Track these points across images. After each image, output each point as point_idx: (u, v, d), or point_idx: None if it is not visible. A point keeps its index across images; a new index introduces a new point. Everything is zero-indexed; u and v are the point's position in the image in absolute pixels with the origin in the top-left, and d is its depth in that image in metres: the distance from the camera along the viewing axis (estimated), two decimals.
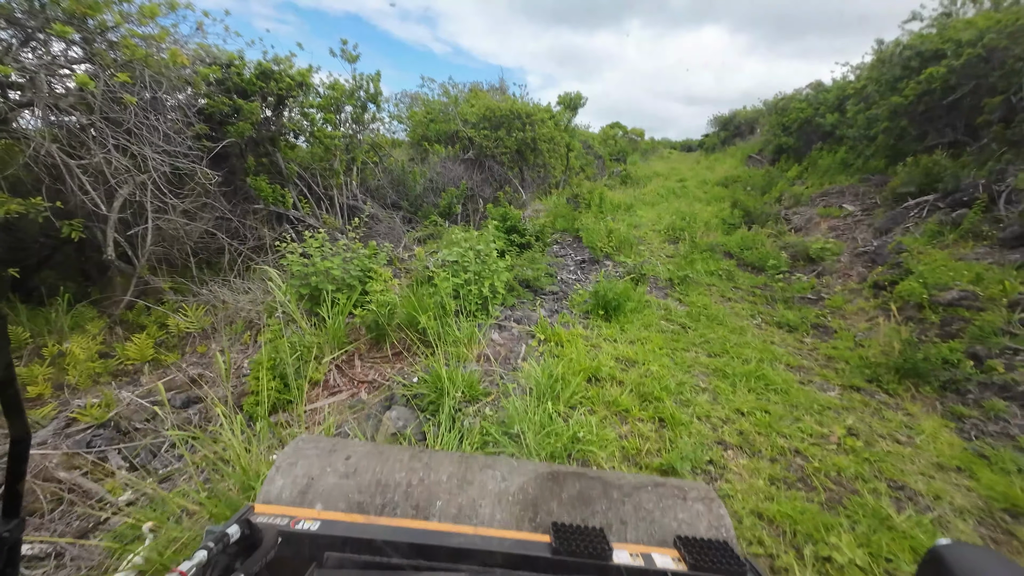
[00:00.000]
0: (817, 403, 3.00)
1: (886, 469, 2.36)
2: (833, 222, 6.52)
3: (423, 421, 2.45)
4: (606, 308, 4.16)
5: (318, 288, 3.73)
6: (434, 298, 3.48)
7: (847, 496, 2.14)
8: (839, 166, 8.12)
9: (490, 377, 2.94)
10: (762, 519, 1.97)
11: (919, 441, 2.65)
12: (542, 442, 2.25)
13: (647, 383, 2.95)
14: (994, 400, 2.94)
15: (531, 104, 10.65)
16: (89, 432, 2.67)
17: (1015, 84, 5.71)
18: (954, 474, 2.37)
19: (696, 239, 6.68)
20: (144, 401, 2.93)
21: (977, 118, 6.14)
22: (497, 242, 4.41)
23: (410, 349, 3.41)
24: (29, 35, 3.00)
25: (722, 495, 2.09)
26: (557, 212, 7.59)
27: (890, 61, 7.14)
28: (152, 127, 3.71)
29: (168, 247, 5.17)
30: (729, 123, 18.54)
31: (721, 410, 2.81)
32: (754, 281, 5.50)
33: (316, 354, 3.15)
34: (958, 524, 2.01)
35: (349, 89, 7.11)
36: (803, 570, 1.72)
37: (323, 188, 7.14)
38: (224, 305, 4.49)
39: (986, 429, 2.78)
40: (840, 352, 3.77)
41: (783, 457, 2.41)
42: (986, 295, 3.84)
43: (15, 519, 0.56)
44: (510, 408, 2.45)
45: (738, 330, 4.15)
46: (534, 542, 0.82)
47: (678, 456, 2.26)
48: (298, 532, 0.79)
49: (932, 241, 4.98)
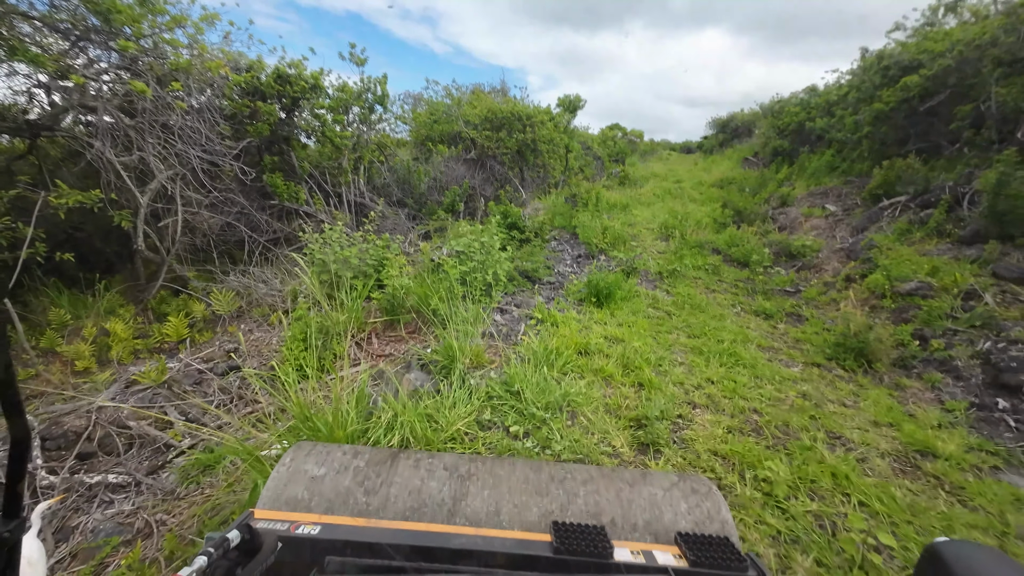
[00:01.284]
0: (780, 375, 3.49)
1: (828, 424, 2.86)
2: (815, 221, 7.04)
3: (437, 381, 2.94)
4: (598, 296, 4.66)
5: (338, 275, 4.22)
6: (443, 283, 3.97)
7: (790, 441, 2.63)
8: (825, 169, 8.65)
9: (493, 349, 3.43)
10: (717, 455, 2.46)
11: (862, 405, 3.15)
12: (538, 397, 2.75)
13: (630, 356, 3.44)
14: (933, 373, 3.45)
15: (531, 106, 11.15)
16: (149, 391, 3.15)
17: (984, 93, 6.24)
18: (885, 428, 2.87)
19: (686, 236, 7.19)
20: (196, 364, 3.42)
21: (951, 124, 6.66)
22: (499, 235, 4.89)
23: (421, 330, 3.91)
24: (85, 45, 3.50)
25: (686, 439, 2.59)
26: (555, 210, 8.10)
27: (871, 70, 7.67)
28: (193, 128, 4.20)
29: (192, 238, 5.66)
30: (727, 125, 19.14)
31: (694, 379, 3.31)
32: (738, 275, 6.00)
33: (338, 331, 3.63)
34: (877, 460, 2.50)
35: (357, 91, 7.62)
36: (743, 487, 2.21)
37: (332, 186, 7.62)
38: (248, 291, 4.97)
39: (922, 396, 3.28)
40: (807, 336, 4.27)
41: (742, 414, 2.91)
42: (940, 285, 4.35)
43: (15, 519, 0.56)
44: (511, 371, 2.94)
45: (718, 317, 4.65)
46: (535, 541, 0.84)
47: (652, 409, 2.75)
48: (298, 537, 0.81)
49: (901, 238, 5.49)
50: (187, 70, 3.93)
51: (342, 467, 1.05)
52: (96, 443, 2.69)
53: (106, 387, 3.29)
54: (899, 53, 7.24)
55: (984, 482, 2.35)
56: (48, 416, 2.80)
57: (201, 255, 5.93)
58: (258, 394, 3.21)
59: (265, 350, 3.95)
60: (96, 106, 3.57)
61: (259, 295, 4.93)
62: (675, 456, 2.41)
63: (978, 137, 6.28)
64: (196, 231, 5.68)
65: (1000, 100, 5.87)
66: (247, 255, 5.94)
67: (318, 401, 2.52)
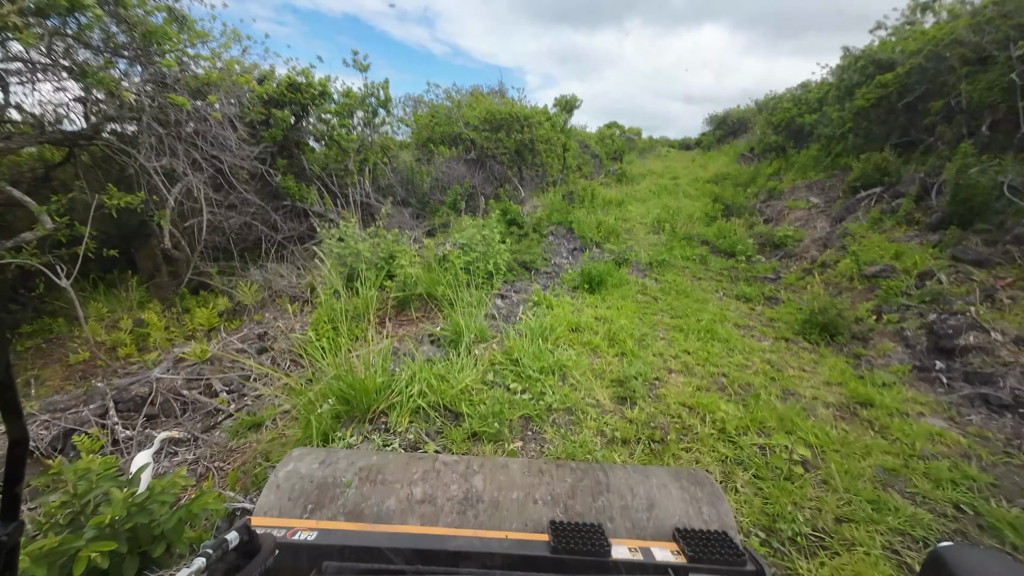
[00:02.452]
0: (750, 348, 4.00)
1: (785, 383, 3.36)
2: (799, 213, 7.54)
3: (447, 352, 3.46)
4: (590, 283, 5.17)
5: (353, 266, 4.74)
6: (449, 272, 4.49)
7: (749, 396, 3.14)
8: (811, 163, 9.16)
9: (495, 327, 3.95)
10: (684, 406, 2.97)
11: (819, 370, 3.65)
12: (534, 363, 3.26)
13: (616, 333, 3.96)
14: (886, 343, 3.95)
15: (529, 107, 11.68)
16: (196, 367, 3.68)
17: (954, 90, 6.74)
18: (834, 387, 3.37)
19: (676, 230, 7.70)
20: (236, 341, 3.94)
21: (925, 119, 7.16)
22: (499, 228, 5.41)
23: (429, 315, 4.43)
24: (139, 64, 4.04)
25: (659, 395, 3.10)
26: (553, 207, 8.61)
27: (850, 68, 8.18)
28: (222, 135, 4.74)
29: (214, 237, 6.20)
30: (723, 122, 19.66)
31: (672, 350, 3.82)
32: (724, 264, 6.51)
33: (358, 313, 4.15)
34: (821, 410, 3.01)
35: (361, 96, 8.16)
36: (702, 427, 2.72)
37: (339, 187, 8.15)
38: (268, 284, 5.51)
39: (874, 363, 3.78)
40: (781, 316, 4.78)
41: (711, 377, 3.42)
42: (902, 268, 4.85)
43: (14, 522, 0.56)
44: (510, 344, 3.46)
45: (701, 301, 5.15)
46: (533, 541, 0.86)
47: (632, 372, 3.26)
48: (295, 543, 0.82)
49: (874, 227, 5.99)
50: (216, 83, 4.47)
51: (339, 472, 1.07)
52: (158, 407, 3.22)
53: (155, 365, 3.82)
54: (875, 52, 7.74)
55: (907, 423, 2.86)
56: (116, 387, 3.32)
57: (221, 253, 6.48)
58: (289, 369, 3.74)
59: (290, 334, 4.47)
60: (139, 117, 4.10)
61: (279, 287, 5.46)
62: (648, 406, 2.92)
63: (949, 131, 6.78)
64: (217, 230, 6.23)
65: (967, 96, 6.37)
66: (264, 252, 6.48)
67: (350, 363, 3.04)
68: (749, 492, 2.21)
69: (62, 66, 4.23)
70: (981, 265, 4.64)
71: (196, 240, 5.66)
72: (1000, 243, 4.83)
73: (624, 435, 2.60)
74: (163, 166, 4.92)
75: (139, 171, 5.11)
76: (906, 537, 1.98)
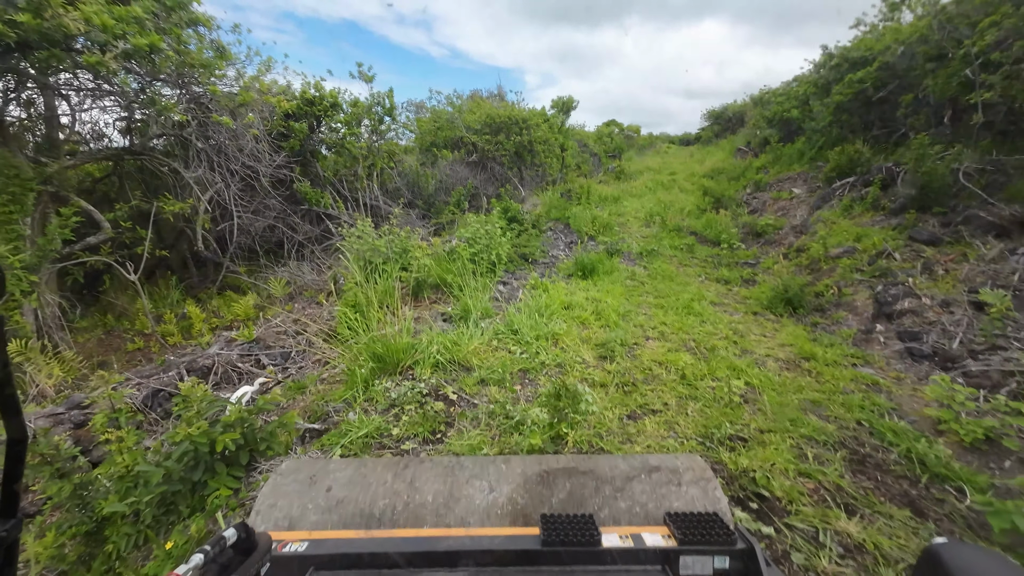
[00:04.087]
0: (721, 320, 4.69)
1: (745, 345, 4.06)
2: (782, 203, 8.22)
3: (457, 326, 4.19)
4: (584, 271, 5.89)
5: (371, 260, 5.49)
6: (457, 263, 5.23)
7: (712, 354, 3.83)
8: (796, 156, 9.83)
9: (498, 307, 4.68)
10: (655, 362, 3.67)
11: (777, 336, 4.34)
12: (531, 332, 3.98)
13: (604, 310, 4.67)
14: (839, 312, 4.63)
15: (527, 110, 12.44)
16: (245, 346, 4.43)
17: (921, 84, 7.40)
18: (787, 347, 4.06)
19: (667, 222, 8.40)
20: (285, 321, 4.71)
21: (897, 112, 7.83)
22: (500, 223, 6.15)
23: (440, 300, 5.16)
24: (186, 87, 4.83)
25: (636, 355, 3.80)
26: (551, 204, 9.34)
27: (826, 65, 8.85)
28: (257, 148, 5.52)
29: (240, 239, 6.98)
30: (720, 117, 20.33)
31: (651, 323, 4.52)
32: (709, 252, 7.20)
33: (379, 299, 4.89)
34: (771, 363, 3.70)
35: (368, 105, 8.94)
36: (667, 375, 3.42)
37: (349, 191, 8.92)
38: (295, 279, 6.27)
39: (828, 328, 4.46)
40: (754, 295, 5.47)
41: (682, 342, 4.12)
42: (862, 248, 5.53)
43: (13, 519, 0.58)
44: (511, 318, 4.18)
45: (683, 284, 5.85)
46: (524, 536, 0.90)
47: (614, 338, 3.97)
48: (286, 555, 0.85)
49: (845, 213, 6.67)
50: (250, 104, 5.24)
51: (331, 481, 1.09)
52: (220, 376, 3.97)
53: (209, 346, 4.57)
54: (850, 51, 8.42)
55: (839, 370, 3.55)
56: (182, 361, 4.08)
57: (247, 254, 7.26)
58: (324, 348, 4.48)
59: (318, 321, 5.22)
60: (181, 134, 4.88)
61: (304, 282, 6.23)
62: (625, 362, 3.63)
63: (917, 123, 7.44)
64: (244, 233, 7.01)
65: (931, 91, 7.03)
66: (286, 253, 7.26)
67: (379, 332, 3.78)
68: (696, 416, 2.92)
69: (114, 92, 5.03)
70: (933, 244, 5.30)
71: (228, 242, 6.44)
72: (952, 224, 5.50)
73: (602, 381, 3.31)
74: (199, 176, 5.71)
75: (175, 181, 5.91)
76: (811, 440, 2.67)
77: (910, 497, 2.25)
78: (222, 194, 6.15)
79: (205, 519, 2.04)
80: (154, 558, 1.93)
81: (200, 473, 2.18)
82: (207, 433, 2.15)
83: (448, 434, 2.65)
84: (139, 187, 6.38)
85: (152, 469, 2.08)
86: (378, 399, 3.00)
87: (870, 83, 8.10)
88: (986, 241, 4.98)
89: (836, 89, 8.16)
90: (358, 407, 2.91)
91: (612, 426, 2.78)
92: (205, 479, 2.20)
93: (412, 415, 2.78)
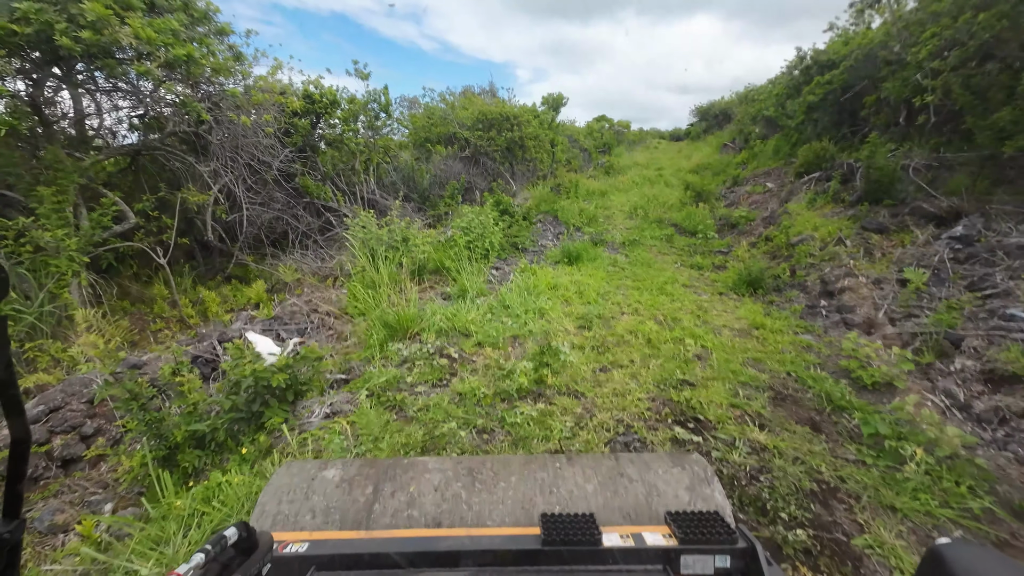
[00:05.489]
0: (690, 299, 5.40)
1: (707, 319, 4.76)
2: (756, 197, 8.97)
3: (456, 302, 4.84)
4: (569, 258, 6.57)
5: (375, 248, 6.12)
6: (453, 250, 5.88)
7: (676, 324, 4.53)
8: (772, 152, 10.60)
9: (491, 288, 5.34)
10: (628, 331, 4.36)
11: (736, 312, 5.06)
12: (521, 307, 4.65)
13: (586, 290, 5.36)
14: (792, 291, 5.37)
15: (518, 106, 13.08)
16: (265, 323, 5.05)
17: (882, 86, 8.18)
18: (743, 320, 4.78)
19: (649, 214, 9.12)
20: (297, 302, 5.33)
21: (862, 112, 8.61)
22: (492, 214, 6.81)
23: (438, 283, 5.81)
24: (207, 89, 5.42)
25: (611, 325, 4.48)
26: (541, 198, 10.01)
27: (797, 67, 9.62)
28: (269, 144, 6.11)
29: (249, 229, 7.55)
30: (707, 113, 21.14)
31: (627, 301, 5.22)
32: (687, 242, 7.93)
33: (384, 281, 5.53)
34: (726, 331, 4.41)
35: (364, 101, 9.52)
36: (636, 341, 4.12)
37: (347, 185, 9.50)
38: (302, 266, 6.88)
39: (781, 305, 5.19)
40: (722, 278, 6.19)
41: (652, 316, 4.81)
42: (819, 237, 6.27)
43: (16, 520, 0.58)
44: (503, 296, 4.85)
45: (660, 269, 6.56)
46: (524, 536, 0.92)
47: (593, 312, 4.65)
48: (287, 556, 0.87)
49: (809, 206, 7.42)
50: (263, 103, 5.83)
51: (331, 482, 1.11)
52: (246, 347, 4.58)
53: (232, 324, 5.18)
54: (819, 54, 9.19)
55: (782, 336, 4.27)
56: (215, 333, 4.69)
57: (253, 243, 7.84)
58: (337, 324, 5.11)
59: (327, 302, 5.85)
60: (203, 130, 5.47)
61: (310, 269, 6.84)
62: (601, 331, 4.32)
63: (879, 122, 8.22)
64: (252, 223, 7.59)
65: (889, 93, 7.80)
66: (291, 243, 7.85)
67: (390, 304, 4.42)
68: (656, 369, 3.61)
69: (131, 92, 5.59)
70: (881, 232, 6.06)
71: (239, 232, 7.02)
72: (900, 215, 6.26)
73: (581, 344, 4.00)
74: (212, 170, 6.28)
75: (187, 174, 6.49)
76: (746, 385, 3.38)
77: (813, 421, 2.96)
78: (233, 187, 6.72)
79: (267, 435, 2.69)
80: (231, 460, 2.57)
81: (258, 405, 2.83)
82: (267, 371, 2.80)
83: (452, 381, 3.31)
84: (153, 180, 6.91)
85: (224, 400, 2.72)
86: (392, 357, 3.65)
87: (838, 85, 8.87)
88: (925, 229, 5.75)
89: (806, 90, 8.92)
90: (376, 363, 3.57)
91: (586, 375, 3.46)
92: (262, 410, 2.84)
93: (422, 368, 3.44)
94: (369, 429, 2.67)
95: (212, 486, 2.28)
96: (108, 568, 1.97)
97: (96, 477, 3.34)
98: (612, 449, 2.61)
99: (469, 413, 2.89)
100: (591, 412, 2.97)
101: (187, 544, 1.99)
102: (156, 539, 2.06)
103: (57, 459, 3.29)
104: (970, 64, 6.01)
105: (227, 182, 6.61)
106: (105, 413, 3.68)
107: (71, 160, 4.62)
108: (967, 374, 3.35)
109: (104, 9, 3.53)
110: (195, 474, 2.73)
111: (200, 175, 6.30)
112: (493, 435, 2.72)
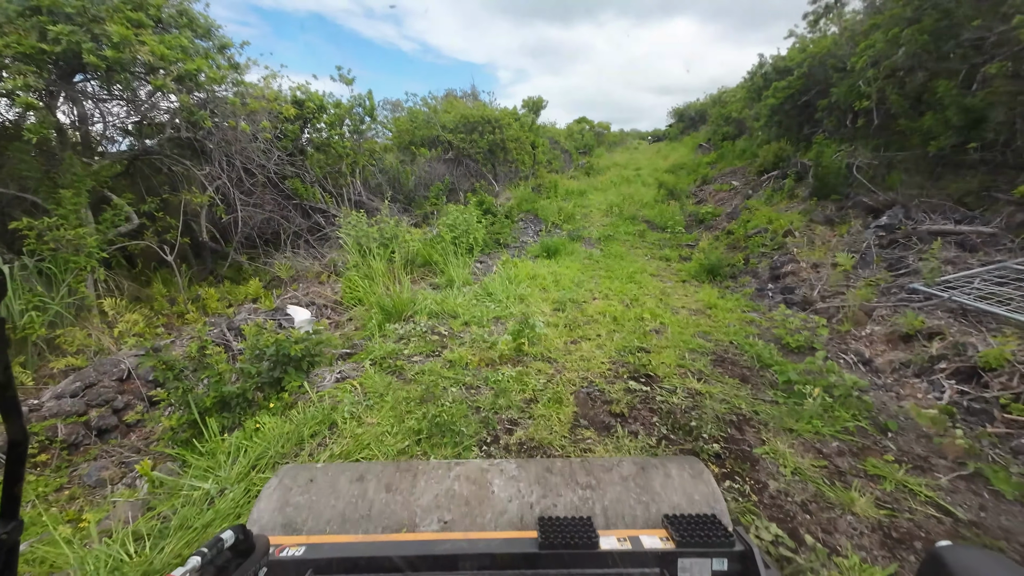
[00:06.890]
0: (655, 286, 6.10)
1: (668, 302, 5.46)
2: (722, 194, 9.78)
3: (443, 290, 5.45)
4: (548, 252, 7.23)
5: (366, 245, 6.69)
6: (440, 245, 6.49)
7: (640, 306, 5.21)
8: (739, 152, 11.47)
9: (476, 278, 5.96)
10: (598, 312, 5.02)
11: (695, 296, 5.77)
12: (503, 293, 5.28)
13: (562, 279, 6.01)
14: (745, 277, 6.11)
15: (499, 110, 13.75)
16: (268, 313, 5.57)
17: (832, 91, 9.07)
18: (700, 302, 5.49)
19: (623, 212, 9.86)
20: (296, 294, 5.86)
21: (816, 115, 9.49)
22: (476, 212, 7.44)
23: (427, 276, 6.41)
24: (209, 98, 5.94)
25: (583, 308, 5.14)
26: (523, 198, 10.68)
27: (756, 74, 10.51)
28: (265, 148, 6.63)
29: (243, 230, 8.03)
30: (683, 115, 22.16)
31: (599, 288, 5.89)
32: (658, 237, 8.67)
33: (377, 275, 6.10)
34: (684, 311, 5.10)
35: (349, 106, 10.05)
36: (604, 320, 4.78)
37: (334, 187, 10.01)
38: (294, 265, 7.40)
39: (734, 289, 5.93)
40: (686, 268, 6.92)
41: (620, 300, 5.49)
42: (772, 228, 7.06)
43: (13, 521, 0.59)
44: (487, 284, 5.48)
45: (631, 261, 7.27)
46: (521, 539, 0.93)
47: (567, 297, 5.31)
48: (283, 560, 0.88)
49: (767, 201, 8.23)
50: (257, 111, 6.36)
51: (328, 486, 1.14)
52: None
53: (236, 316, 5.70)
54: (778, 61, 10.08)
55: (730, 314, 4.98)
56: (223, 322, 5.21)
57: (246, 244, 8.31)
58: (329, 313, 5.67)
59: (323, 296, 6.39)
60: (200, 136, 5.99)
61: (303, 267, 7.36)
62: (573, 313, 4.97)
63: (831, 124, 9.11)
64: (245, 224, 8.07)
65: (838, 97, 8.68)
66: (283, 243, 8.35)
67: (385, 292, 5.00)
68: (619, 341, 4.27)
69: (126, 99, 6.08)
70: (828, 224, 6.87)
71: (233, 233, 7.51)
72: (844, 208, 7.09)
73: (555, 323, 4.64)
74: (208, 173, 6.77)
75: (182, 177, 6.96)
76: (693, 351, 4.06)
77: (744, 375, 3.66)
78: (227, 189, 7.21)
79: (291, 392, 3.26)
80: (260, 413, 3.13)
81: (278, 372, 3.40)
82: (287, 341, 3.38)
83: (443, 352, 3.92)
84: (148, 183, 7.36)
85: (250, 366, 3.29)
86: (390, 335, 4.25)
87: (795, 89, 9.76)
88: (864, 221, 6.57)
89: (766, 95, 9.78)
90: (376, 340, 4.16)
91: (559, 346, 4.10)
92: (281, 376, 3.41)
93: (417, 342, 4.05)
94: (375, 388, 3.26)
95: (249, 430, 2.84)
96: (173, 488, 2.53)
97: (128, 444, 3.87)
98: (576, 397, 3.26)
99: (459, 375, 3.51)
100: (561, 372, 3.61)
101: (235, 468, 2.55)
102: (208, 468, 2.62)
103: (94, 428, 3.81)
104: (899, 73, 6.88)
105: (221, 184, 7.10)
106: (133, 389, 4.20)
107: (82, 164, 5.10)
108: (875, 337, 4.10)
109: (126, 30, 4.05)
110: (225, 431, 3.29)
111: (197, 178, 6.79)
112: (479, 390, 3.34)
